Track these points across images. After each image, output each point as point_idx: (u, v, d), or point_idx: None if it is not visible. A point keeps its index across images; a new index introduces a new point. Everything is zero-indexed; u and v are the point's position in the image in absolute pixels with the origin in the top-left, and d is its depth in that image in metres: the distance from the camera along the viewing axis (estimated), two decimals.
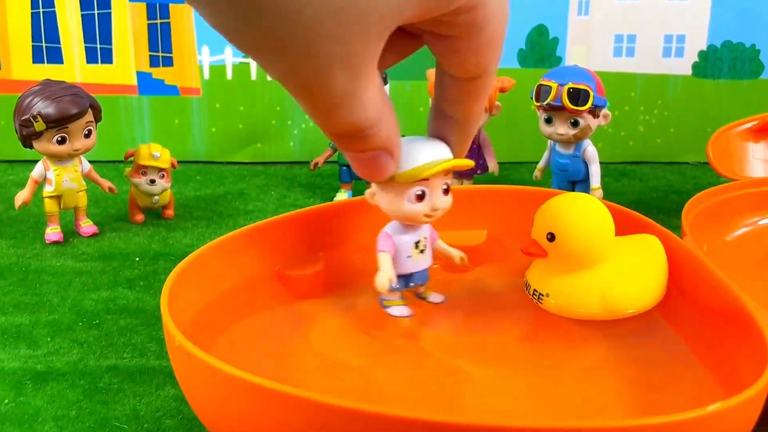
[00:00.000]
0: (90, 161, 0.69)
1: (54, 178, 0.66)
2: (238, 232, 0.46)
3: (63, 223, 0.68)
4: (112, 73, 0.91)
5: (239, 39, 0.22)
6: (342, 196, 0.78)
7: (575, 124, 0.65)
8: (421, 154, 0.38)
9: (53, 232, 0.67)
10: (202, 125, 0.92)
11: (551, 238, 0.43)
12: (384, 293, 0.43)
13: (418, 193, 0.40)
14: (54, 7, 0.88)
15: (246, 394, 0.31)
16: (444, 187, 0.41)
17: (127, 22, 0.89)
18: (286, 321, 0.44)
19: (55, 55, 0.90)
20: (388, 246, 0.42)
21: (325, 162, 0.79)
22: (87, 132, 0.65)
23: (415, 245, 0.43)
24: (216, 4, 0.21)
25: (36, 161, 0.67)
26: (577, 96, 0.63)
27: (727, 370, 0.38)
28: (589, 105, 0.63)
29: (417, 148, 0.38)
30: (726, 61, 0.88)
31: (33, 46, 0.90)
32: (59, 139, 0.64)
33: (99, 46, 0.90)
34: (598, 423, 0.33)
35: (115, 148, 0.87)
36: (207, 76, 0.92)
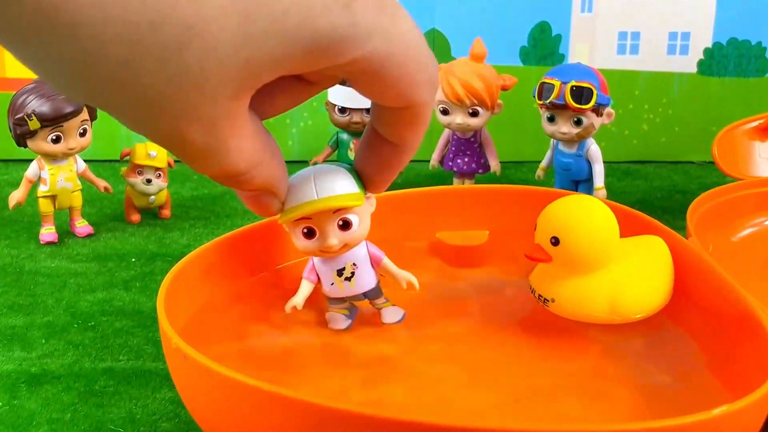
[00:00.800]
0: (85, 160, 0.69)
1: (49, 177, 0.66)
2: (235, 233, 0.46)
3: (58, 224, 0.68)
4: None
5: (83, 97, 0.22)
6: None
7: (578, 122, 0.65)
8: (301, 191, 0.38)
9: (48, 233, 0.67)
10: None
11: (555, 242, 0.43)
12: (329, 303, 0.44)
13: (305, 231, 0.40)
14: None
15: (244, 396, 0.31)
16: (339, 222, 0.40)
17: None
18: (284, 323, 0.44)
19: None
20: (309, 272, 0.44)
21: (324, 161, 0.78)
22: (82, 131, 0.65)
23: (338, 273, 0.43)
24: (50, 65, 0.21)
25: (30, 160, 0.67)
26: (581, 94, 0.63)
27: (733, 372, 0.38)
28: (592, 103, 0.63)
29: (300, 185, 0.38)
30: (732, 59, 0.88)
31: None
32: (54, 137, 0.64)
33: None
34: (603, 426, 0.33)
35: (111, 147, 0.87)
36: None
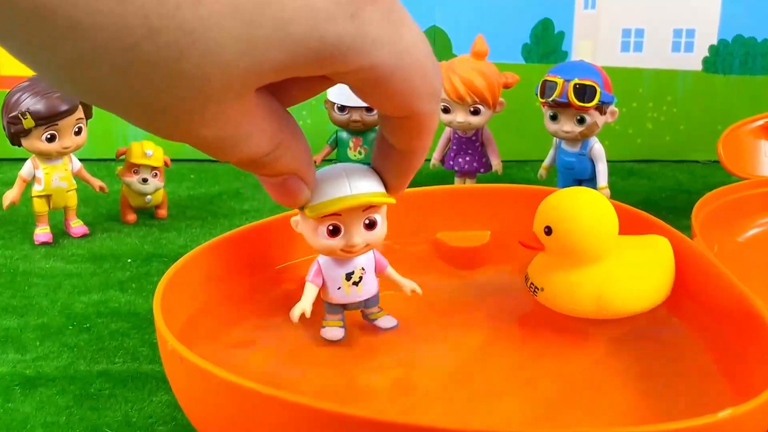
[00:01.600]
0: (80, 159, 0.69)
1: (43, 176, 0.66)
2: (233, 233, 0.47)
3: (52, 224, 0.68)
4: None
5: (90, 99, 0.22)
6: None
7: (581, 121, 0.65)
8: (333, 186, 0.37)
9: (42, 233, 0.67)
10: None
11: (548, 231, 0.43)
12: (325, 314, 0.43)
13: (330, 228, 0.39)
14: None
15: (242, 400, 0.31)
16: (366, 221, 0.40)
17: None
18: (282, 324, 0.44)
19: None
20: (314, 275, 0.43)
21: (323, 160, 0.78)
22: (77, 129, 0.65)
23: (346, 277, 0.42)
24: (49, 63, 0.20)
25: (24, 159, 0.67)
26: (584, 92, 0.63)
27: (738, 374, 0.38)
28: (595, 101, 0.63)
29: (331, 180, 0.37)
30: (737, 56, 0.88)
31: None
32: (48, 136, 0.64)
33: None
34: (606, 430, 0.34)
35: (106, 146, 0.86)
36: None
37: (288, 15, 0.21)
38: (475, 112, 0.71)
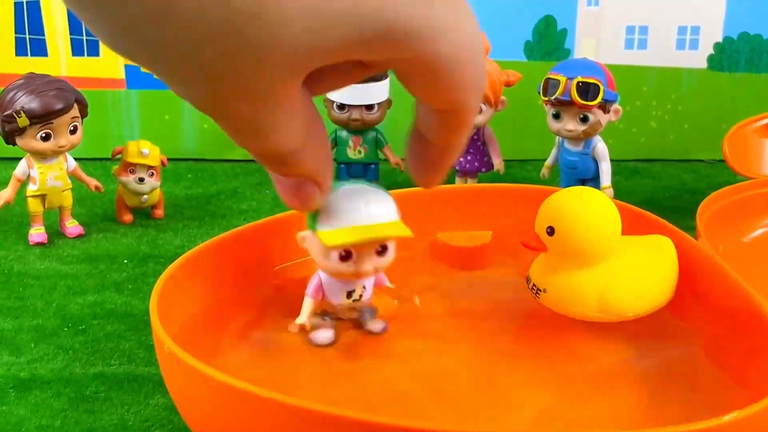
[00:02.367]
0: (76, 159, 0.69)
1: (38, 176, 0.66)
2: (231, 233, 0.47)
3: (47, 224, 0.68)
4: (99, 66, 0.91)
5: (140, 60, 0.22)
6: None
7: (584, 119, 0.65)
8: (350, 214, 0.37)
9: (37, 233, 0.67)
10: (193, 121, 0.92)
11: (551, 231, 0.43)
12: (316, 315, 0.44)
13: (342, 254, 0.39)
14: None
15: (239, 402, 0.31)
16: (378, 248, 0.40)
17: None
18: (279, 327, 0.44)
19: (39, 47, 0.90)
20: (314, 291, 0.43)
21: None
22: (72, 128, 0.65)
23: (347, 295, 0.43)
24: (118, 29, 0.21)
25: (19, 159, 0.67)
26: (587, 90, 0.63)
27: (744, 376, 0.38)
28: (599, 100, 0.63)
29: (349, 207, 0.37)
30: (743, 54, 0.88)
31: (16, 37, 0.90)
32: (43, 135, 0.64)
33: (85, 37, 0.90)
34: None
35: (102, 145, 0.86)
36: None
37: None
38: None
